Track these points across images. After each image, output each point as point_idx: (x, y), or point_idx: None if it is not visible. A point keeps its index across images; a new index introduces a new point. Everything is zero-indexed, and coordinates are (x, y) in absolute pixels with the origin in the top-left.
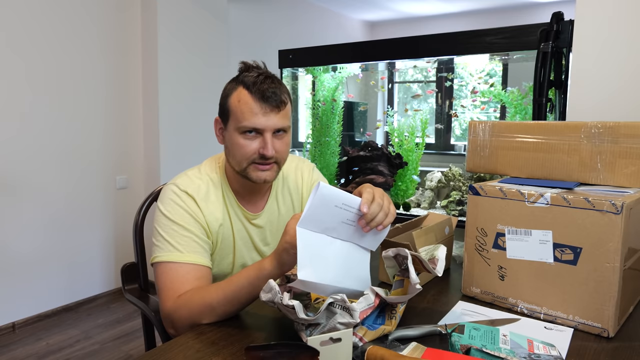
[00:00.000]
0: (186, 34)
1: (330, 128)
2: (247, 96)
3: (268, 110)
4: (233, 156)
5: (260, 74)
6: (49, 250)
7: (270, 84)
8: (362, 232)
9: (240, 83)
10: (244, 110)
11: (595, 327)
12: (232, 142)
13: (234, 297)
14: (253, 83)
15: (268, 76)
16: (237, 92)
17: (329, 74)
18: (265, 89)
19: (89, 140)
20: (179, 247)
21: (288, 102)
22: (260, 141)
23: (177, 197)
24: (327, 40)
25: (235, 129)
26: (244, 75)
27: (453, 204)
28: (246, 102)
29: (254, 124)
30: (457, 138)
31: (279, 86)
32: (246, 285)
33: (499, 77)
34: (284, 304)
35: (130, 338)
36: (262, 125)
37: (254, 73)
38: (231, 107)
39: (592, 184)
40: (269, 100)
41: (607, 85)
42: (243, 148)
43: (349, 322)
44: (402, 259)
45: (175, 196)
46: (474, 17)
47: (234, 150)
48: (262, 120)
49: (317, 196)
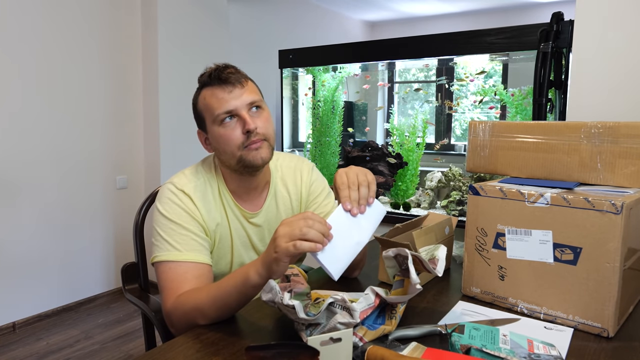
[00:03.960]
0: (186, 34)
1: (331, 128)
2: (209, 90)
3: (232, 90)
4: (223, 151)
5: (214, 68)
6: (49, 250)
7: (224, 69)
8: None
9: (199, 87)
10: (211, 102)
11: (595, 327)
12: (216, 137)
13: (222, 303)
14: (208, 76)
15: (220, 66)
16: (200, 95)
17: (329, 74)
18: (221, 73)
19: (89, 140)
20: (177, 246)
21: (249, 80)
22: (240, 122)
23: (175, 195)
24: (327, 40)
25: (213, 123)
26: (201, 78)
27: (453, 204)
28: (210, 95)
29: (225, 107)
30: (457, 138)
31: (233, 68)
32: (234, 293)
33: (499, 77)
34: (284, 304)
35: (130, 338)
36: (233, 106)
37: (209, 71)
38: (201, 108)
39: (592, 184)
40: (229, 80)
41: (607, 85)
42: (227, 137)
43: (349, 322)
44: (402, 259)
45: (173, 195)
46: (474, 17)
47: (222, 144)
48: (231, 101)
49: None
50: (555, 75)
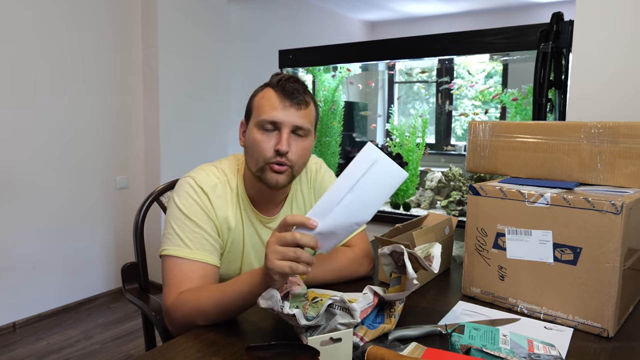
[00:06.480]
0: (187, 34)
1: (331, 128)
2: (270, 92)
3: (288, 105)
4: (251, 155)
5: (289, 76)
6: (49, 250)
7: (294, 82)
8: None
9: (267, 84)
10: (264, 104)
11: (595, 327)
12: (251, 138)
13: (226, 308)
14: (277, 81)
15: (294, 78)
16: (263, 91)
17: (329, 74)
18: (288, 85)
19: (89, 140)
20: (188, 243)
21: (311, 105)
22: (277, 137)
23: (193, 191)
24: (327, 40)
25: (255, 125)
26: (272, 78)
27: (453, 204)
28: (268, 98)
29: (272, 116)
30: (457, 138)
31: (302, 87)
32: (238, 299)
33: (499, 77)
34: (284, 312)
35: (130, 338)
36: (280, 119)
37: (282, 76)
38: (254, 104)
39: (592, 184)
40: (290, 96)
41: (607, 85)
42: (260, 144)
43: (349, 322)
44: (398, 255)
45: (192, 190)
46: (474, 17)
47: (252, 147)
48: (280, 114)
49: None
50: (555, 75)
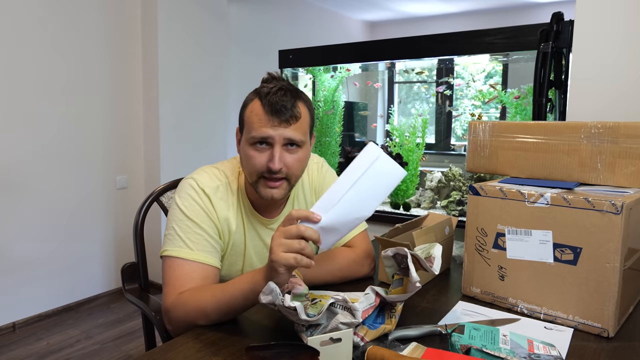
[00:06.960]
0: (186, 34)
1: (331, 128)
2: (259, 107)
3: (277, 124)
4: (245, 168)
5: (278, 86)
6: (49, 250)
7: (282, 96)
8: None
9: (257, 94)
10: (254, 120)
11: (595, 327)
12: (244, 153)
13: (227, 307)
14: (266, 94)
15: (283, 88)
16: (252, 104)
17: (329, 74)
18: (276, 101)
19: (89, 140)
20: (189, 244)
21: (303, 114)
22: (270, 154)
23: (195, 193)
24: (327, 40)
25: (247, 140)
26: (262, 85)
27: (453, 204)
28: (257, 113)
29: (262, 133)
30: (457, 138)
31: (291, 100)
32: (240, 298)
33: (499, 77)
34: (285, 305)
35: (130, 338)
36: (270, 135)
37: (272, 85)
38: (245, 117)
39: (592, 184)
40: (278, 113)
41: (607, 86)
42: (252, 159)
43: (351, 322)
44: (401, 257)
45: (194, 192)
46: (474, 17)
47: (246, 161)
48: (270, 131)
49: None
50: (555, 75)
